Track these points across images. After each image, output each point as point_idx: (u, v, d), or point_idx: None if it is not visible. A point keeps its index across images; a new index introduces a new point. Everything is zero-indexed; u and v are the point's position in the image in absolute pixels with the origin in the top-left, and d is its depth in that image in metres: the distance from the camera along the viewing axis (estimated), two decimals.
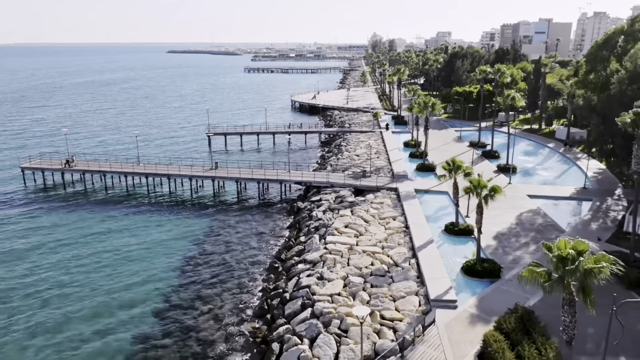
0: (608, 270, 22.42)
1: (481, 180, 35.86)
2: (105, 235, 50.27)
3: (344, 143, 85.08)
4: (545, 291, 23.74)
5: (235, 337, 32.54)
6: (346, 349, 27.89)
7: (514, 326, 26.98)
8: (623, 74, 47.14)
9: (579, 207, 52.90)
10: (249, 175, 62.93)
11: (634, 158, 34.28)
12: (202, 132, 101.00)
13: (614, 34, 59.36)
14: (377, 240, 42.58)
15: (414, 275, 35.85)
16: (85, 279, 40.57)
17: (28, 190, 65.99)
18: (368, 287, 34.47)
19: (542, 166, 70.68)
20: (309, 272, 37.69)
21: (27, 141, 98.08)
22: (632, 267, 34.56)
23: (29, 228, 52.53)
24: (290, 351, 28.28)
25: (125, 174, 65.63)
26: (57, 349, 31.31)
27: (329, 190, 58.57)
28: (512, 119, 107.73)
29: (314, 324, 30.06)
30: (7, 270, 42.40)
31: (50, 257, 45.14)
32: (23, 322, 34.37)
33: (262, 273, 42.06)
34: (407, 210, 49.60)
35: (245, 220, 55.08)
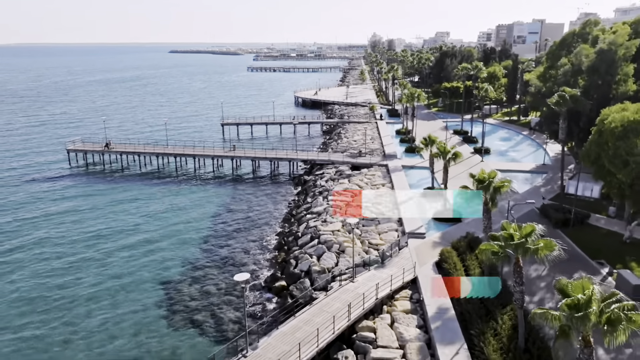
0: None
1: (446, 147, 47.26)
2: (142, 205, 60.44)
3: (343, 131, 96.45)
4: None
5: (261, 261, 43.92)
6: (343, 260, 39.26)
7: (463, 245, 38.41)
8: (569, 67, 58.50)
9: (536, 177, 64.27)
10: (262, 155, 74.44)
11: (560, 129, 45.63)
12: (216, 123, 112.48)
13: (569, 35, 70.71)
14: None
15: (396, 217, 47.28)
16: (127, 238, 49.83)
17: (73, 169, 77.28)
18: (360, 226, 45.83)
19: (513, 149, 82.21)
20: (315, 218, 49.11)
21: (63, 130, 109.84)
22: (558, 212, 46.02)
23: (75, 200, 62.53)
24: (304, 263, 39.66)
25: (156, 155, 77.10)
26: (108, 294, 39.67)
27: (330, 167, 69.91)
28: (495, 112, 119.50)
29: (320, 247, 41.49)
30: (58, 232, 51.69)
31: (95, 221, 54.68)
32: (80, 268, 44.99)
33: (278, 223, 53.47)
34: (394, 179, 61.07)
35: (261, 191, 66.46)
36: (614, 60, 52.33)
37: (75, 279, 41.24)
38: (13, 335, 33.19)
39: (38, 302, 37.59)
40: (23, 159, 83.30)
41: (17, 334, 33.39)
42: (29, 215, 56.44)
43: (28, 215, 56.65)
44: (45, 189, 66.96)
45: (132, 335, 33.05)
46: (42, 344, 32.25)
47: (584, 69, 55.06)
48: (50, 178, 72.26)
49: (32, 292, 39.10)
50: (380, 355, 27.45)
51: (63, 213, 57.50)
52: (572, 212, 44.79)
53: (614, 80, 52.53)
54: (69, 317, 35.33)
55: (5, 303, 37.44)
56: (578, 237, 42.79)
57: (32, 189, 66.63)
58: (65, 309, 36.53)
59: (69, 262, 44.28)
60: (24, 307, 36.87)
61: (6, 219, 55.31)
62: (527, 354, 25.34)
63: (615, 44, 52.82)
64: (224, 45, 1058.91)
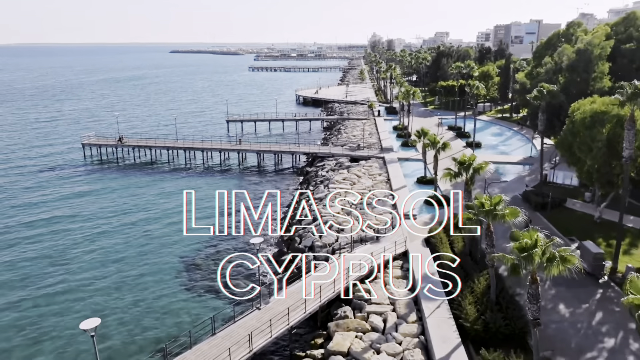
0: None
1: (436, 138, 51.98)
2: (154, 194, 64.71)
3: (343, 127, 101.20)
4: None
5: (269, 239, 48.65)
6: (342, 237, 43.99)
7: (449, 223, 43.13)
8: (551, 66, 63.27)
9: (522, 168, 69.07)
10: (267, 148, 79.19)
11: (539, 121, 50.38)
12: (220, 120, 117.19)
13: (554, 36, 75.49)
14: (366, 187, 58.76)
15: (391, 202, 52.03)
16: (140, 224, 54.09)
17: (87, 162, 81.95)
18: (358, 209, 50.55)
19: (503, 143, 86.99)
20: (316, 203, 53.87)
21: (76, 125, 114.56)
22: (537, 196, 50.79)
23: (90, 190, 66.72)
24: (307, 239, 44.42)
25: (167, 148, 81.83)
26: (126, 270, 45.30)
27: (330, 159, 74.62)
28: (489, 109, 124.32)
29: (321, 226, 46.21)
30: (73, 221, 55.69)
31: (111, 208, 59.21)
32: (94, 251, 49.65)
33: (283, 208, 58.18)
34: (390, 170, 65.84)
35: (266, 181, 71.20)
36: (590, 59, 57.09)
37: (99, 256, 45.98)
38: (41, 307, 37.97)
39: (62, 278, 42.34)
40: (41, 153, 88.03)
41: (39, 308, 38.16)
42: (49, 204, 60.85)
43: (49, 203, 61.06)
44: (64, 180, 71.53)
45: (163, 298, 37.80)
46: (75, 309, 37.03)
47: (564, 67, 59.80)
48: (67, 170, 76.86)
49: (56, 269, 43.84)
50: (374, 309, 32.18)
51: (82, 201, 62.02)
52: (550, 196, 49.57)
53: (590, 77, 57.25)
54: (99, 292, 40.07)
55: (36, 277, 42.17)
56: (554, 218, 47.67)
57: (51, 180, 71.24)
58: (94, 281, 41.28)
59: (90, 244, 48.76)
60: (50, 284, 41.52)
61: (28, 207, 59.61)
62: (497, 305, 30.09)
63: (592, 44, 57.59)
64: (224, 45, 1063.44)
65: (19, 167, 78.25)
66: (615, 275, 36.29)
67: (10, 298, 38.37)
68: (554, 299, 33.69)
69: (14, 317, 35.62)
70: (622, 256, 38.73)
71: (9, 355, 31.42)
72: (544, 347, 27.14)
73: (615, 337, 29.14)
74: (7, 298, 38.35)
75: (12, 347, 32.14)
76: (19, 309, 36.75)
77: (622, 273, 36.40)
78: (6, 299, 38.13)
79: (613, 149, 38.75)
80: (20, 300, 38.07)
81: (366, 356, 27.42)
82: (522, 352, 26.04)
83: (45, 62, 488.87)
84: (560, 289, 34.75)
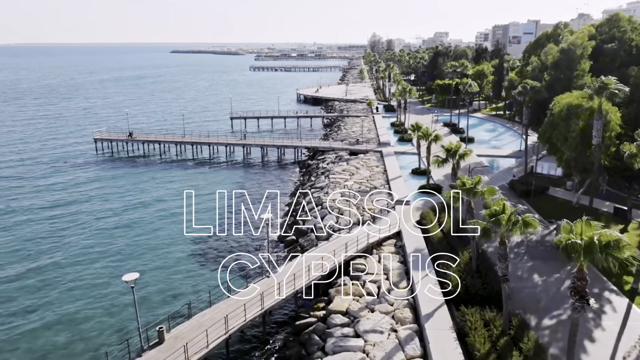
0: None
1: (428, 130, 56.18)
2: (162, 187, 68.59)
3: (343, 124, 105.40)
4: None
5: (275, 223, 52.82)
6: (342, 220, 48.20)
7: (439, 207, 47.36)
8: (537, 64, 67.49)
9: (511, 160, 73.23)
10: (270, 143, 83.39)
11: (523, 115, 54.58)
12: (224, 117, 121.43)
13: (542, 36, 79.71)
14: (364, 177, 62.98)
15: (386, 190, 56.27)
16: (150, 212, 58.33)
17: (99, 156, 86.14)
18: (357, 195, 54.77)
19: (495, 138, 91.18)
20: (318, 191, 58.10)
21: (85, 122, 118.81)
22: (522, 185, 55.02)
23: (104, 181, 70.98)
24: (309, 222, 48.61)
25: (175, 143, 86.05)
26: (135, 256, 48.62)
27: (331, 153, 78.81)
28: (484, 107, 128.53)
29: (323, 211, 50.49)
30: (86, 211, 59.68)
31: (122, 198, 63.43)
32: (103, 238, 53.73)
33: (286, 199, 62.37)
34: (386, 162, 70.05)
35: (269, 173, 75.42)
36: (573, 58, 61.26)
37: (111, 242, 50.21)
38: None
39: (73, 260, 46.62)
40: (54, 147, 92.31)
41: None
42: (64, 194, 64.86)
43: (64, 194, 65.04)
44: (77, 172, 75.60)
45: (182, 271, 42.06)
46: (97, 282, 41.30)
47: (549, 65, 64.02)
48: (80, 163, 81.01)
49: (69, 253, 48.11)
50: (370, 278, 36.39)
51: (94, 192, 66.13)
52: (533, 185, 53.80)
53: (573, 75, 61.37)
54: (113, 271, 44.31)
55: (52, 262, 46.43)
56: (537, 204, 51.82)
57: (65, 172, 75.34)
58: (109, 263, 45.51)
59: (102, 231, 52.76)
60: (64, 266, 45.79)
61: (44, 198, 63.58)
62: (478, 273, 34.32)
63: (574, 44, 61.78)
64: (225, 45, 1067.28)
65: (37, 160, 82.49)
66: None
67: (47, 260, 42.88)
68: (530, 270, 37.91)
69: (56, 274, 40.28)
70: None
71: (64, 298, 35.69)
72: (516, 307, 31.36)
73: None
74: (46, 261, 42.82)
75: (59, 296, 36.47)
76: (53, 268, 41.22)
77: None
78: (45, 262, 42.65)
79: (586, 139, 42.93)
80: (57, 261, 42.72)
81: (362, 314, 31.62)
82: (496, 309, 30.21)
83: (46, 62, 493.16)
84: (537, 262, 38.94)
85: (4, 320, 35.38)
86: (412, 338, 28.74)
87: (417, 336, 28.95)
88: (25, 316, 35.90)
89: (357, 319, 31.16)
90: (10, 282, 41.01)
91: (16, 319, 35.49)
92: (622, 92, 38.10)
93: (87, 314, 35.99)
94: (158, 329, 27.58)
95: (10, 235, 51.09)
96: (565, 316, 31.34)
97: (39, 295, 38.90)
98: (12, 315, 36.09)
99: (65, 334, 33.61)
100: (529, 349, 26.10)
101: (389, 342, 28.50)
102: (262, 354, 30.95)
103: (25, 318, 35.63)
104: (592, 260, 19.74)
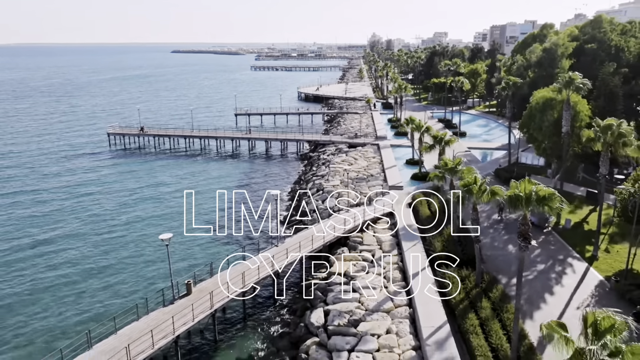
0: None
1: (420, 122, 61.46)
2: (173, 178, 73.29)
3: (342, 120, 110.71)
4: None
5: (279, 210, 58.09)
6: (342, 200, 53.49)
7: (429, 191, 52.65)
8: (522, 62, 72.82)
9: (500, 152, 78.51)
10: (274, 137, 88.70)
11: (507, 109, 59.85)
12: (229, 113, 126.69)
13: (529, 36, 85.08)
14: (362, 166, 68.29)
15: (382, 178, 61.59)
16: (161, 203, 62.72)
17: (112, 150, 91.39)
18: (355, 181, 60.07)
19: (487, 133, 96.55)
20: (319, 179, 63.41)
21: (96, 118, 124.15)
22: (506, 172, 60.34)
23: (115, 175, 75.40)
24: (311, 204, 53.91)
25: (184, 137, 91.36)
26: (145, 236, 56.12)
27: (331, 146, 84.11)
28: (478, 104, 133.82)
29: (324, 195, 55.78)
30: (101, 200, 64.21)
31: (136, 188, 68.29)
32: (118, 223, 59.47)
33: (289, 185, 67.65)
34: (383, 153, 75.36)
35: (273, 165, 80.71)
36: (554, 56, 66.61)
37: (125, 229, 55.15)
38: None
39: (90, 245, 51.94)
40: (69, 141, 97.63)
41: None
42: (80, 186, 69.73)
43: (80, 185, 69.86)
44: (88, 168, 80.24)
45: (192, 245, 47.38)
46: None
47: (533, 63, 69.36)
48: (94, 156, 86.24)
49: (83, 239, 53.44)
50: (366, 248, 41.68)
51: (109, 183, 71.15)
52: (514, 172, 59.11)
53: (554, 72, 66.71)
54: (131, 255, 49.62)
55: (68, 247, 51.74)
56: None
57: (81, 165, 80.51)
58: (126, 247, 50.82)
59: (116, 219, 57.25)
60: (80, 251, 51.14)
61: (61, 189, 68.06)
62: (459, 242, 39.62)
63: (556, 44, 67.13)
64: (225, 45, 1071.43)
65: (55, 153, 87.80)
66: (557, 227, 45.85)
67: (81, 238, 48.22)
68: (506, 242, 43.27)
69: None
70: (567, 215, 48.26)
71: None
72: (491, 270, 36.67)
73: (546, 264, 38.71)
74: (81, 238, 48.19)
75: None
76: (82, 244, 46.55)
77: (563, 225, 46.00)
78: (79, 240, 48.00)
79: (558, 128, 48.19)
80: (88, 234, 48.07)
81: (358, 275, 36.90)
82: (472, 269, 35.49)
83: (47, 62, 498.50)
84: (512, 236, 44.20)
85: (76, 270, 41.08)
86: (400, 292, 34.02)
87: (404, 290, 34.22)
88: (84, 267, 42.66)
89: (354, 278, 36.44)
90: (61, 248, 46.60)
91: (76, 267, 43.16)
92: (586, 85, 43.36)
93: (130, 270, 42.89)
94: (186, 283, 32.84)
95: (53, 216, 56.70)
96: (531, 276, 36.71)
97: (90, 256, 44.85)
98: (74, 265, 41.64)
99: (115, 283, 40.74)
100: (496, 297, 31.40)
101: (380, 295, 33.77)
102: (274, 307, 36.37)
103: (85, 269, 42.19)
104: (532, 210, 24.77)
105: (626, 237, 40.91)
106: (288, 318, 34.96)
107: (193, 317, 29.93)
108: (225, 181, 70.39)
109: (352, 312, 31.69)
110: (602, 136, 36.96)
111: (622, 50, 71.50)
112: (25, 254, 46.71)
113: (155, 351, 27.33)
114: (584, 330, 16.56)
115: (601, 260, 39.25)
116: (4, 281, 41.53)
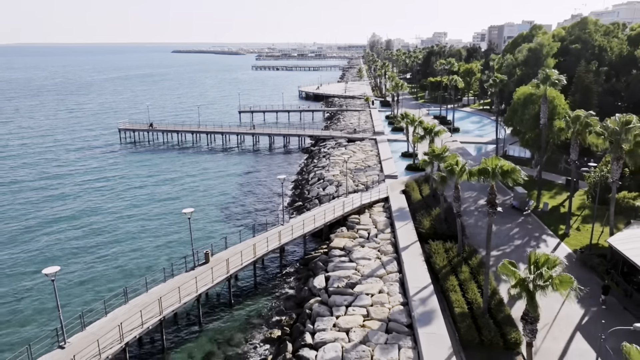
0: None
1: (414, 117, 66.21)
2: (180, 171, 77.74)
3: (342, 116, 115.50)
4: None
5: (283, 201, 62.85)
6: (340, 189, 58.26)
7: (421, 179, 57.47)
8: (510, 61, 77.54)
9: (490, 147, 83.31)
10: (277, 132, 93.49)
11: (494, 104, 64.55)
12: (232, 110, 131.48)
13: (519, 37, 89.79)
14: (360, 158, 73.09)
15: (378, 168, 66.39)
16: (169, 191, 67.32)
17: (123, 144, 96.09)
18: (353, 171, 64.84)
19: (479, 129, 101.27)
20: (320, 169, 68.21)
21: (105, 115, 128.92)
22: None
23: (126, 168, 79.98)
24: (313, 191, 58.69)
25: (192, 132, 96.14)
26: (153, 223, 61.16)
27: (331, 140, 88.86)
28: (473, 102, 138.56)
29: (324, 182, 60.58)
30: (115, 191, 69.33)
31: (146, 180, 73.00)
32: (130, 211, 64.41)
33: (292, 176, 72.45)
34: (380, 147, 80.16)
35: (276, 158, 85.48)
36: (539, 56, 71.33)
37: (133, 220, 60.12)
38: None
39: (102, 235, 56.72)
40: (81, 137, 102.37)
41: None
42: (93, 178, 74.06)
43: (93, 178, 74.11)
44: (104, 159, 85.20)
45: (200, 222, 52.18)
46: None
47: (520, 62, 74.10)
48: (106, 151, 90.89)
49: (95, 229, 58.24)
50: (362, 227, 46.44)
51: (120, 176, 75.49)
52: None
53: (539, 71, 71.40)
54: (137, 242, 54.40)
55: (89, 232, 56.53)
56: None
57: (93, 159, 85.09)
58: (136, 235, 55.58)
59: (128, 210, 61.71)
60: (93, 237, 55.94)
61: (74, 182, 72.22)
62: (445, 221, 44.35)
63: (541, 44, 71.86)
64: (225, 45, 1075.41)
65: (68, 148, 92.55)
66: (536, 210, 50.63)
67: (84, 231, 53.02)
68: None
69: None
70: (547, 199, 53.01)
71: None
72: (473, 244, 41.38)
73: (522, 240, 43.49)
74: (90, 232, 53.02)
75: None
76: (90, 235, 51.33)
77: (542, 208, 50.77)
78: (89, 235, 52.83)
79: (538, 121, 52.90)
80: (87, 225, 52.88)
81: (355, 249, 41.65)
82: (455, 242, 40.23)
83: (48, 62, 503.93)
84: (495, 217, 48.89)
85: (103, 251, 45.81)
86: (391, 261, 38.78)
87: (395, 260, 38.99)
88: (117, 236, 47.03)
89: (351, 252, 41.19)
90: (75, 236, 51.19)
91: (110, 236, 47.44)
92: (561, 81, 48.11)
93: (156, 244, 48.35)
94: (205, 252, 37.60)
95: (59, 207, 61.20)
96: (509, 250, 41.49)
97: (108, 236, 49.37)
98: (99, 249, 46.35)
99: (145, 250, 46.34)
100: (474, 263, 36.17)
101: (374, 264, 38.53)
102: (280, 276, 41.20)
103: (117, 238, 46.48)
104: (500, 181, 29.56)
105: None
106: (293, 285, 39.75)
107: (212, 279, 34.70)
108: (233, 170, 75.46)
109: (350, 277, 36.45)
110: (572, 126, 41.68)
111: (605, 50, 76.31)
112: (67, 225, 53.62)
113: (181, 305, 32.09)
114: (528, 266, 21.35)
115: (572, 237, 44.03)
116: (57, 243, 48.65)
